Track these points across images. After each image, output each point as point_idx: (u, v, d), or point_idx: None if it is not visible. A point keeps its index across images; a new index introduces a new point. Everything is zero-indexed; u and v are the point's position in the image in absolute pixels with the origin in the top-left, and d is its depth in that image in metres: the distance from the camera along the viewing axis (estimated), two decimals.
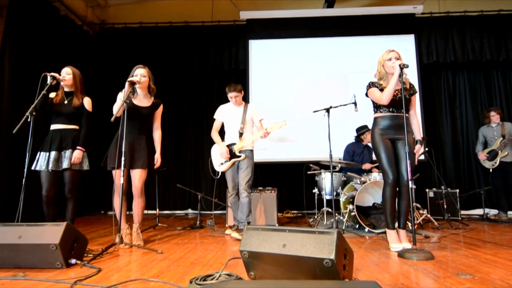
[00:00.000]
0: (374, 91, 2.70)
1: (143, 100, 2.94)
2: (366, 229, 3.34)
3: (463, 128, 5.71)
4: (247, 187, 3.39)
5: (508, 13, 5.50)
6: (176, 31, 5.81)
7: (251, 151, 3.53)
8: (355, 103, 3.67)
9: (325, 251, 1.45)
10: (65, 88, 3.02)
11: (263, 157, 5.27)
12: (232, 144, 3.51)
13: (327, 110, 3.72)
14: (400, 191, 2.62)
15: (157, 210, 4.06)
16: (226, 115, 3.62)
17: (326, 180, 4.09)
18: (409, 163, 2.43)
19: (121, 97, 2.77)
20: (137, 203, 2.85)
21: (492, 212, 4.69)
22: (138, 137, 2.87)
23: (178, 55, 5.75)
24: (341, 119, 4.94)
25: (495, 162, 4.55)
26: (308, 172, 4.34)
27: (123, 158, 2.59)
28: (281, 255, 1.55)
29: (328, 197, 4.03)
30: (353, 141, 4.56)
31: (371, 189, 3.62)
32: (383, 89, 2.65)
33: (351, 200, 3.50)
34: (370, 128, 4.31)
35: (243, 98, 3.68)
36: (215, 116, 3.67)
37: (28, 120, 2.59)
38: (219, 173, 3.63)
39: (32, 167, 2.84)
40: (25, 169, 2.60)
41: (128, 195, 2.83)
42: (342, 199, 3.79)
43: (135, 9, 6.09)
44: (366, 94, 2.79)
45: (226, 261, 1.90)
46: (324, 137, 3.60)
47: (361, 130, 4.46)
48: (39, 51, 4.42)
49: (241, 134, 3.51)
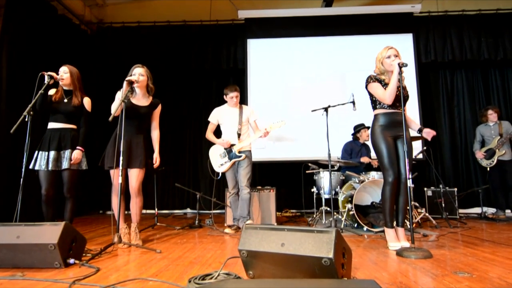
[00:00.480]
0: (377, 87, 2.64)
1: (142, 100, 2.93)
2: (365, 228, 3.34)
3: (461, 127, 5.72)
4: (248, 184, 3.51)
5: (506, 12, 5.52)
6: (175, 31, 5.80)
7: (250, 151, 3.62)
8: (354, 102, 3.67)
9: (324, 250, 1.45)
10: (64, 87, 3.01)
11: (262, 156, 5.28)
12: (232, 145, 3.53)
13: (326, 109, 3.72)
14: (399, 189, 2.62)
15: (156, 210, 4.06)
16: (223, 117, 3.63)
17: (325, 179, 4.10)
18: (407, 161, 2.44)
19: (119, 97, 2.77)
20: (135, 203, 2.84)
21: (490, 211, 4.70)
22: (136, 136, 2.86)
23: (177, 55, 5.74)
24: (340, 118, 4.94)
25: (493, 161, 4.55)
26: (307, 171, 4.35)
27: (121, 158, 2.59)
28: (280, 254, 1.55)
29: (327, 196, 4.04)
30: (351, 140, 4.57)
31: (370, 188, 3.62)
32: (386, 84, 2.63)
33: (350, 199, 3.50)
34: (367, 126, 4.36)
35: (241, 97, 3.69)
36: (210, 119, 3.69)
37: (26, 120, 2.58)
38: (219, 174, 3.64)
39: (31, 166, 2.84)
40: (23, 169, 2.59)
41: (127, 195, 2.82)
42: (341, 198, 3.80)
43: (133, 8, 6.08)
44: (366, 87, 2.73)
45: (225, 260, 1.90)
46: (323, 136, 3.61)
47: (357, 128, 4.47)
48: (37, 51, 4.41)
49: (239, 135, 3.54)
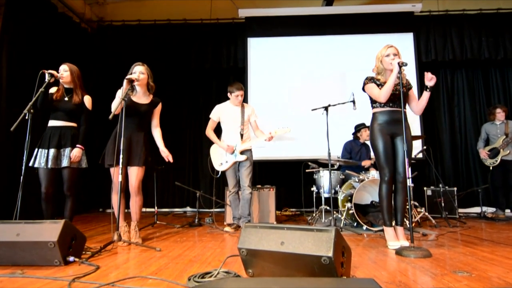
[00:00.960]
0: (372, 87, 2.67)
1: (142, 98, 2.93)
2: (364, 227, 3.35)
3: (461, 127, 5.72)
4: (250, 184, 3.50)
5: (507, 12, 5.51)
6: (175, 29, 5.79)
7: (251, 151, 3.63)
8: (354, 101, 3.67)
9: (323, 249, 1.45)
10: (65, 85, 3.01)
11: (262, 155, 5.28)
12: (234, 146, 3.52)
13: (326, 108, 3.72)
14: (397, 188, 2.62)
15: (156, 208, 4.07)
16: (225, 115, 3.61)
17: (325, 178, 4.10)
18: (406, 160, 2.44)
19: (120, 95, 2.77)
20: (135, 201, 2.84)
21: (490, 210, 4.70)
22: (137, 134, 2.86)
23: (177, 53, 5.73)
24: (340, 118, 4.94)
25: (496, 160, 4.53)
26: (307, 170, 4.35)
27: (121, 156, 2.59)
28: (279, 253, 1.55)
29: (327, 195, 4.04)
30: (351, 139, 4.56)
31: (369, 187, 3.62)
32: (381, 85, 2.64)
33: (349, 198, 3.51)
34: (367, 126, 4.36)
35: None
36: (212, 116, 3.66)
37: (26, 118, 2.58)
38: (219, 172, 3.63)
39: (30, 164, 2.83)
40: (23, 167, 2.59)
41: (127, 193, 2.83)
42: (340, 197, 3.80)
43: (134, 7, 6.07)
44: (363, 89, 2.76)
45: (225, 259, 1.90)
46: (323, 135, 3.61)
47: (358, 127, 4.47)
48: (37, 49, 4.40)
49: (242, 136, 3.53)
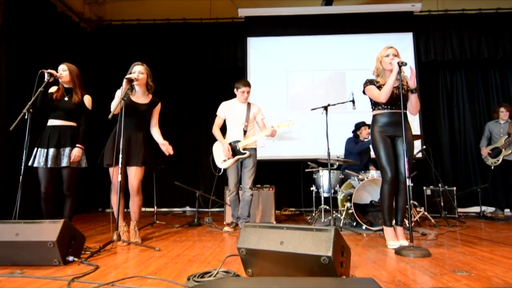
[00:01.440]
0: (372, 89, 2.68)
1: (141, 97, 2.93)
2: (364, 227, 3.35)
3: (461, 127, 5.72)
4: (252, 186, 3.50)
5: (506, 12, 5.51)
6: (174, 28, 5.79)
7: (255, 150, 3.59)
8: (353, 101, 3.68)
9: (322, 248, 1.45)
10: (64, 85, 3.01)
11: (261, 155, 5.23)
12: (237, 142, 3.51)
13: (325, 108, 3.72)
14: (398, 188, 2.62)
15: (155, 208, 4.07)
16: (230, 112, 3.60)
17: (324, 178, 4.10)
18: (407, 161, 2.44)
19: (119, 94, 2.76)
20: (134, 201, 2.84)
21: (489, 210, 4.71)
22: (136, 134, 2.86)
23: (176, 53, 5.73)
24: (339, 117, 4.95)
25: (498, 160, 4.52)
26: (306, 170, 4.35)
27: (120, 156, 2.58)
28: (279, 252, 1.55)
29: (326, 195, 4.04)
30: (351, 136, 4.55)
31: (369, 187, 3.63)
32: (381, 87, 2.65)
33: (349, 198, 3.51)
34: (367, 124, 4.36)
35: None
36: (219, 113, 3.64)
37: (25, 117, 2.58)
38: (221, 170, 3.62)
39: (29, 163, 2.83)
40: (22, 166, 2.59)
41: (126, 193, 2.82)
42: (340, 197, 3.80)
43: (133, 6, 6.05)
44: (364, 92, 2.78)
45: (224, 258, 1.90)
46: (322, 135, 3.61)
47: (358, 125, 4.46)
48: (36, 48, 4.40)
49: (245, 132, 3.52)
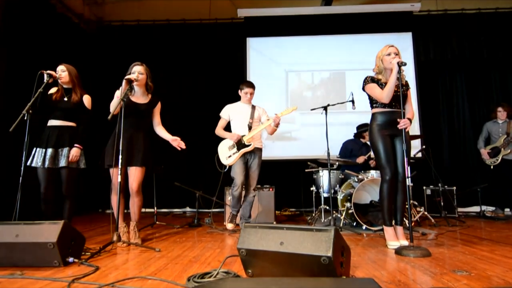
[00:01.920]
0: (373, 87, 2.66)
1: (141, 98, 2.93)
2: (364, 227, 3.35)
3: (460, 126, 5.72)
4: (255, 187, 3.57)
5: (506, 11, 5.52)
6: (174, 29, 5.80)
7: (261, 151, 3.62)
8: (353, 101, 3.67)
9: (322, 249, 1.45)
10: (63, 85, 3.01)
11: (262, 155, 5.27)
12: (242, 136, 3.49)
13: (325, 108, 3.72)
14: (397, 187, 2.62)
15: (155, 208, 4.06)
16: (235, 113, 3.61)
17: (324, 178, 4.10)
18: (406, 160, 2.44)
19: (118, 95, 2.76)
20: (134, 202, 2.83)
21: (489, 209, 4.71)
22: (136, 134, 2.86)
23: (176, 53, 5.73)
24: (339, 117, 4.95)
25: (497, 159, 4.52)
26: (306, 170, 4.35)
27: (120, 156, 2.58)
28: (279, 253, 1.55)
29: (326, 195, 4.04)
30: (352, 138, 4.55)
31: (369, 187, 3.63)
32: (382, 84, 2.64)
33: (349, 198, 3.51)
34: None
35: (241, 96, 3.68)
36: (222, 115, 3.63)
37: (25, 118, 2.58)
38: (226, 167, 3.59)
39: (28, 163, 2.82)
40: (22, 167, 2.59)
41: (127, 193, 2.82)
42: (340, 197, 3.80)
43: (132, 7, 6.05)
44: (363, 89, 2.75)
45: (224, 259, 1.90)
46: (322, 135, 3.61)
47: (363, 128, 4.44)
48: (36, 49, 4.40)
49: (250, 128, 3.53)
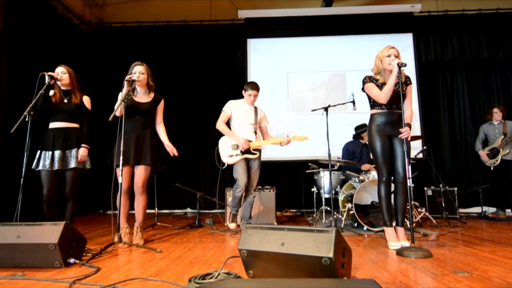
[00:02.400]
0: (372, 88, 2.66)
1: (143, 97, 2.95)
2: (365, 228, 3.35)
3: (461, 127, 5.72)
4: (256, 187, 3.59)
5: (506, 12, 5.52)
6: (175, 30, 5.80)
7: (260, 151, 3.63)
8: (353, 102, 3.67)
9: (324, 250, 1.45)
10: (62, 87, 3.02)
11: (262, 156, 5.22)
12: (248, 141, 3.49)
13: (326, 109, 3.72)
14: (397, 188, 2.62)
15: (156, 209, 4.06)
16: (238, 110, 3.59)
17: (325, 179, 4.10)
18: (407, 161, 2.44)
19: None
20: (139, 201, 2.85)
21: (490, 210, 4.70)
22: (143, 133, 2.89)
23: (176, 54, 5.74)
24: (340, 118, 4.94)
25: (496, 160, 4.52)
26: (307, 171, 4.35)
27: (121, 157, 2.59)
28: (280, 254, 1.55)
29: (327, 196, 4.03)
30: (351, 140, 4.55)
31: (370, 188, 3.62)
32: (380, 85, 2.64)
33: (350, 199, 3.51)
34: None
35: (241, 97, 3.68)
36: (225, 109, 3.60)
37: (26, 120, 2.58)
38: (225, 165, 3.58)
39: (33, 167, 2.83)
40: (23, 169, 2.59)
41: (131, 195, 2.84)
42: (341, 198, 3.80)
43: (133, 8, 6.07)
44: (363, 89, 2.75)
45: (225, 260, 1.89)
46: (323, 136, 3.61)
47: (361, 129, 4.45)
48: (36, 50, 4.40)
49: (255, 133, 3.55)
